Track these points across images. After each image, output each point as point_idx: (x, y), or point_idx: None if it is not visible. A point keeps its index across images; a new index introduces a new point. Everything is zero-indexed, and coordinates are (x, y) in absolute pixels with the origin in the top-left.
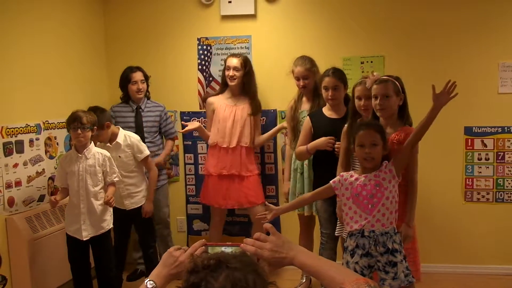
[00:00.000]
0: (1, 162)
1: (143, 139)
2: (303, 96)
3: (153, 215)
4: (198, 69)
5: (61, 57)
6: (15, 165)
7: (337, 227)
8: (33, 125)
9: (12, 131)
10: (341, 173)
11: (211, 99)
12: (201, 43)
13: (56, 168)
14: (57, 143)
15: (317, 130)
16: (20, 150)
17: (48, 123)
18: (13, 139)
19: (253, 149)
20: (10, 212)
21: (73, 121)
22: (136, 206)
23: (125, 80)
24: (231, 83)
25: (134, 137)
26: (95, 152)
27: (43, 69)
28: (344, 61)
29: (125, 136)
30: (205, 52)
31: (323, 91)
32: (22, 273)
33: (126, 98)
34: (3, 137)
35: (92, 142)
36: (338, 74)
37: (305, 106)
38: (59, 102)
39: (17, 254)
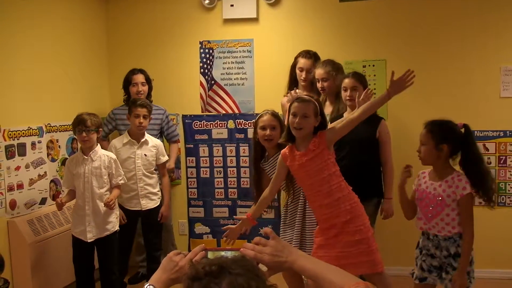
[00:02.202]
0: (3, 165)
1: None
2: (326, 100)
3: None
4: (200, 73)
5: (63, 61)
6: (17, 168)
7: None
8: (35, 128)
9: (15, 134)
10: (418, 174)
11: (284, 100)
12: (203, 47)
13: (57, 171)
14: (59, 146)
15: None
16: (22, 153)
17: (50, 126)
18: (15, 142)
19: None
20: (12, 215)
21: (78, 124)
22: (152, 207)
23: (126, 81)
24: (302, 83)
25: (158, 140)
26: (101, 154)
27: (45, 72)
28: (346, 65)
29: (151, 137)
30: (207, 56)
31: (342, 92)
32: (24, 276)
33: (128, 100)
34: (5, 140)
35: (99, 144)
36: (357, 76)
37: (328, 109)
38: (61, 105)
39: (19, 257)
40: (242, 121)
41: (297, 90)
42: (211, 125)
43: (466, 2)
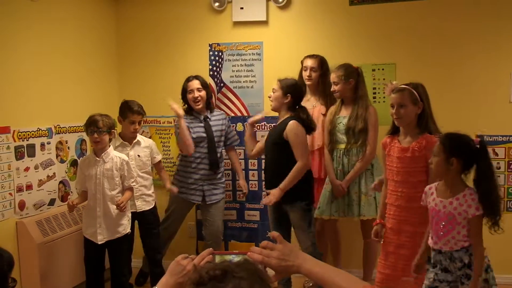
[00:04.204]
0: (13, 166)
1: (214, 151)
2: (343, 103)
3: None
4: (210, 75)
5: (73, 62)
6: (26, 169)
7: None
8: (45, 129)
9: (24, 135)
10: (425, 190)
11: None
12: (213, 49)
13: (66, 172)
14: (68, 147)
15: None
16: (32, 154)
17: (60, 127)
18: (24, 143)
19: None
20: (21, 216)
21: (90, 125)
22: (146, 209)
23: (184, 91)
24: (307, 83)
25: (150, 140)
26: (113, 156)
27: (54, 73)
28: None
29: (142, 137)
30: (217, 58)
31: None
32: (32, 276)
33: (190, 109)
34: (14, 141)
35: (111, 146)
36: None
37: (344, 112)
38: (70, 106)
39: (27, 257)
40: None
41: (393, 82)
42: None
43: (477, 7)
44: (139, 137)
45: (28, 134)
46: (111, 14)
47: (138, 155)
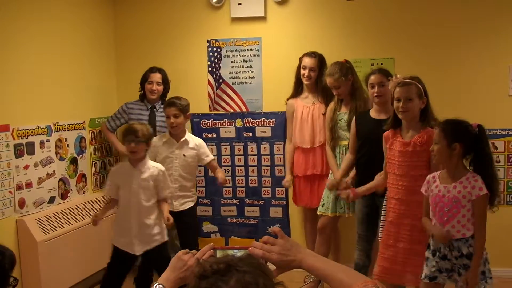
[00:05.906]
0: (12, 164)
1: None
2: (343, 101)
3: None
4: (208, 71)
5: (71, 59)
6: (26, 167)
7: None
8: (44, 127)
9: (23, 132)
10: (427, 178)
11: (291, 101)
12: (211, 45)
13: (66, 170)
14: (68, 145)
15: (360, 131)
16: (31, 152)
17: (59, 125)
18: (24, 141)
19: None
20: (21, 214)
21: (128, 134)
22: (184, 208)
23: (143, 78)
24: (306, 82)
25: (200, 140)
26: (150, 166)
27: (54, 71)
28: (355, 63)
29: (191, 137)
30: (215, 54)
31: (369, 89)
32: (33, 274)
33: (143, 96)
34: (14, 139)
35: (147, 155)
36: (383, 72)
37: (344, 108)
38: (69, 104)
39: (28, 255)
40: (250, 120)
41: (397, 76)
42: (219, 123)
43: (476, 2)
44: (187, 136)
45: (27, 132)
46: (109, 12)
47: (184, 155)
